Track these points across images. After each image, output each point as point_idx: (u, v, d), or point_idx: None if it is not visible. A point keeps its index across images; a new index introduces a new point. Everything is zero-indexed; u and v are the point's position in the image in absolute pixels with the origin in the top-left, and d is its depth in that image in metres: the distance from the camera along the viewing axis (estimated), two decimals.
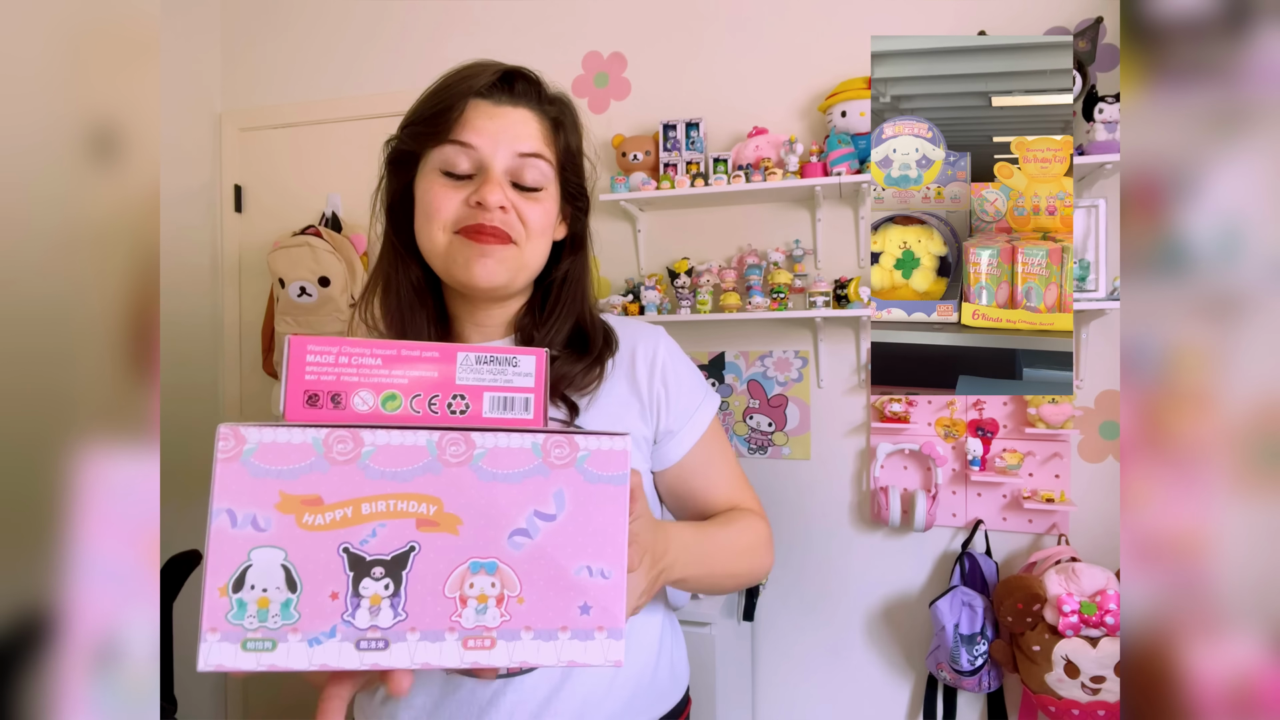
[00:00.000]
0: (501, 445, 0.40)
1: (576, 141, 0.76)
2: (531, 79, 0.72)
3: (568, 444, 0.40)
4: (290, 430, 0.38)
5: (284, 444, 0.38)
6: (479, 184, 0.67)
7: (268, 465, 0.38)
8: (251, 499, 0.38)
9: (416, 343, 0.46)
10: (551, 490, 0.40)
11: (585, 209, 0.79)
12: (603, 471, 0.41)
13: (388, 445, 0.39)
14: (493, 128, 0.68)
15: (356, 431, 0.39)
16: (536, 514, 0.40)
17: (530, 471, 0.40)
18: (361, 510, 0.38)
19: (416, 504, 0.39)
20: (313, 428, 0.39)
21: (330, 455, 0.38)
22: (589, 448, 0.41)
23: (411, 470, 0.39)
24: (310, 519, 0.38)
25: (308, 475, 0.38)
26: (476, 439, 0.40)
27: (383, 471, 0.39)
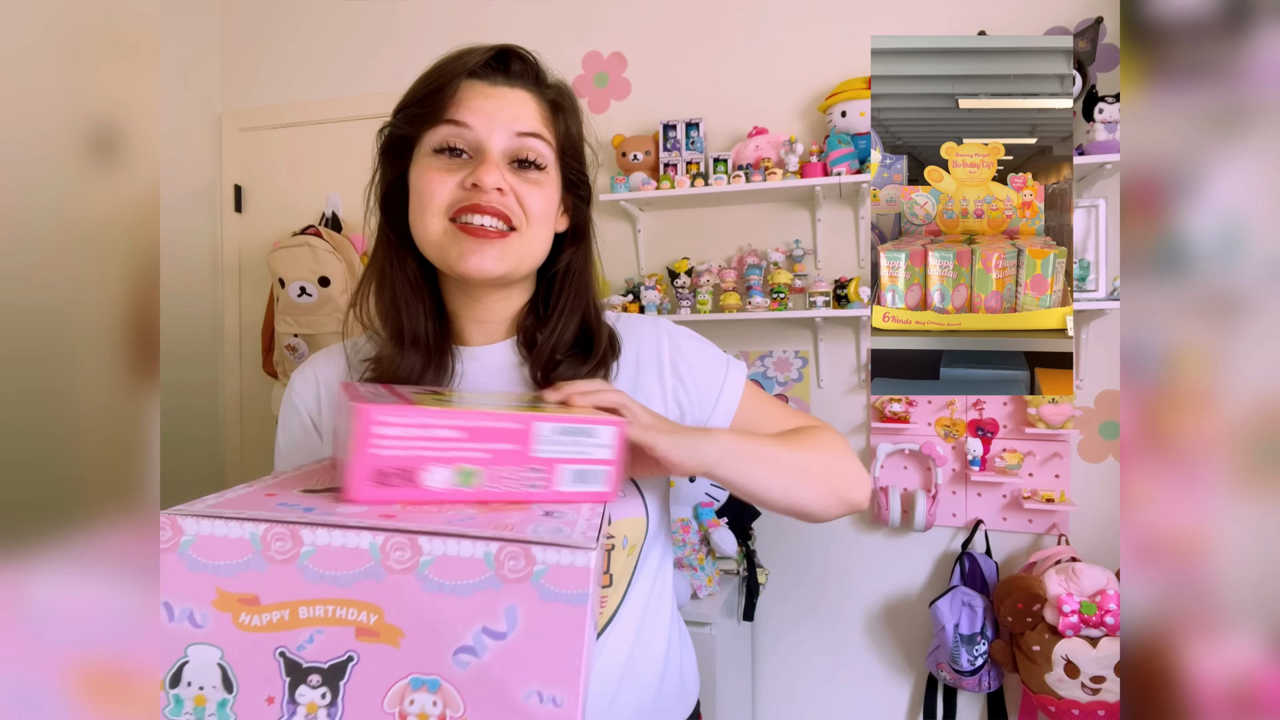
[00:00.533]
0: (450, 553, 0.37)
1: (577, 127, 0.72)
2: (528, 59, 0.69)
3: (524, 555, 0.37)
4: (229, 524, 0.36)
5: (221, 538, 0.36)
6: (475, 165, 0.64)
7: (205, 559, 0.36)
8: (189, 593, 0.36)
9: (493, 412, 0.44)
10: (503, 606, 0.36)
11: (587, 198, 0.75)
12: (561, 589, 0.37)
13: (328, 546, 0.36)
14: (488, 107, 0.65)
15: (296, 529, 0.36)
16: (485, 631, 0.36)
17: (481, 584, 0.36)
18: (299, 614, 0.36)
19: (356, 611, 0.36)
20: (251, 522, 0.36)
21: (268, 553, 0.36)
22: (547, 561, 0.37)
23: (352, 575, 0.36)
24: (247, 619, 0.36)
25: (245, 573, 0.36)
26: (424, 544, 0.37)
27: (322, 574, 0.36)
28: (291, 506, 0.40)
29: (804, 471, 0.68)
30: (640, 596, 0.71)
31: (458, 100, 0.65)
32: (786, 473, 0.66)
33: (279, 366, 2.13)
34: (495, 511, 0.43)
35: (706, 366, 0.74)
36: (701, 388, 0.73)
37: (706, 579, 1.71)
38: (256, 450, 2.30)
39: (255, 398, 2.29)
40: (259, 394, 2.28)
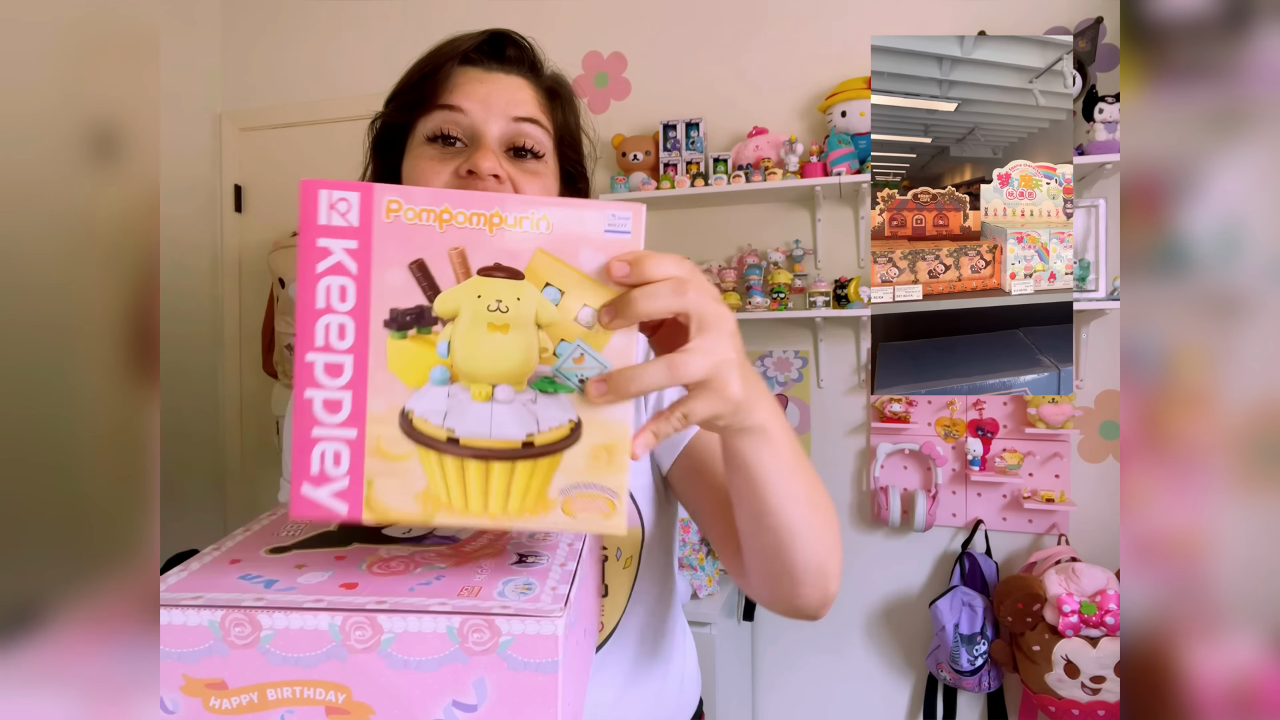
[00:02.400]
0: (412, 629, 0.36)
1: (575, 118, 0.70)
2: (523, 44, 0.67)
3: (488, 628, 0.36)
4: (185, 612, 0.37)
5: (180, 626, 0.36)
6: (470, 152, 0.60)
7: (168, 647, 0.36)
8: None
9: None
10: (471, 679, 0.36)
11: (586, 192, 0.72)
12: (529, 658, 0.36)
13: (286, 630, 0.36)
14: (483, 92, 0.62)
15: (253, 614, 0.36)
16: (455, 704, 0.36)
17: (446, 658, 0.36)
18: (267, 696, 0.36)
19: (324, 691, 0.36)
20: (207, 609, 0.37)
21: (228, 639, 0.36)
22: (513, 632, 0.36)
23: (315, 656, 0.36)
24: (216, 703, 0.36)
25: (208, 659, 0.36)
26: (383, 622, 0.36)
27: (284, 656, 0.36)
28: (252, 580, 0.40)
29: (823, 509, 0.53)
30: (643, 608, 0.69)
31: (451, 85, 0.62)
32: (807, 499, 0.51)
33: (279, 366, 2.13)
34: (466, 562, 0.43)
35: None
36: None
37: (706, 579, 1.71)
38: (256, 450, 2.30)
39: (255, 398, 2.29)
40: (259, 394, 2.28)
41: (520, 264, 0.38)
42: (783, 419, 0.49)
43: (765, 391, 0.46)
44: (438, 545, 0.46)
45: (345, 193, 0.37)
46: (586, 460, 0.39)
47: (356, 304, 0.38)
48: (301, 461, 0.38)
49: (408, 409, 0.38)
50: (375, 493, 0.38)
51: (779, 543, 0.52)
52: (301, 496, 0.38)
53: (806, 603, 0.56)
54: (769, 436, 0.46)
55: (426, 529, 0.49)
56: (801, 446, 0.52)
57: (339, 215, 0.37)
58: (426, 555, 0.44)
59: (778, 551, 0.52)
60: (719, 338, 0.40)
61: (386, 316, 0.38)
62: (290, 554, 0.45)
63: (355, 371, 0.38)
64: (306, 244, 0.37)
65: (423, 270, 0.38)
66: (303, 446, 0.38)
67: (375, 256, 0.38)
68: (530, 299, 0.38)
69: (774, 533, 0.51)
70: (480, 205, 0.38)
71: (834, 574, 0.55)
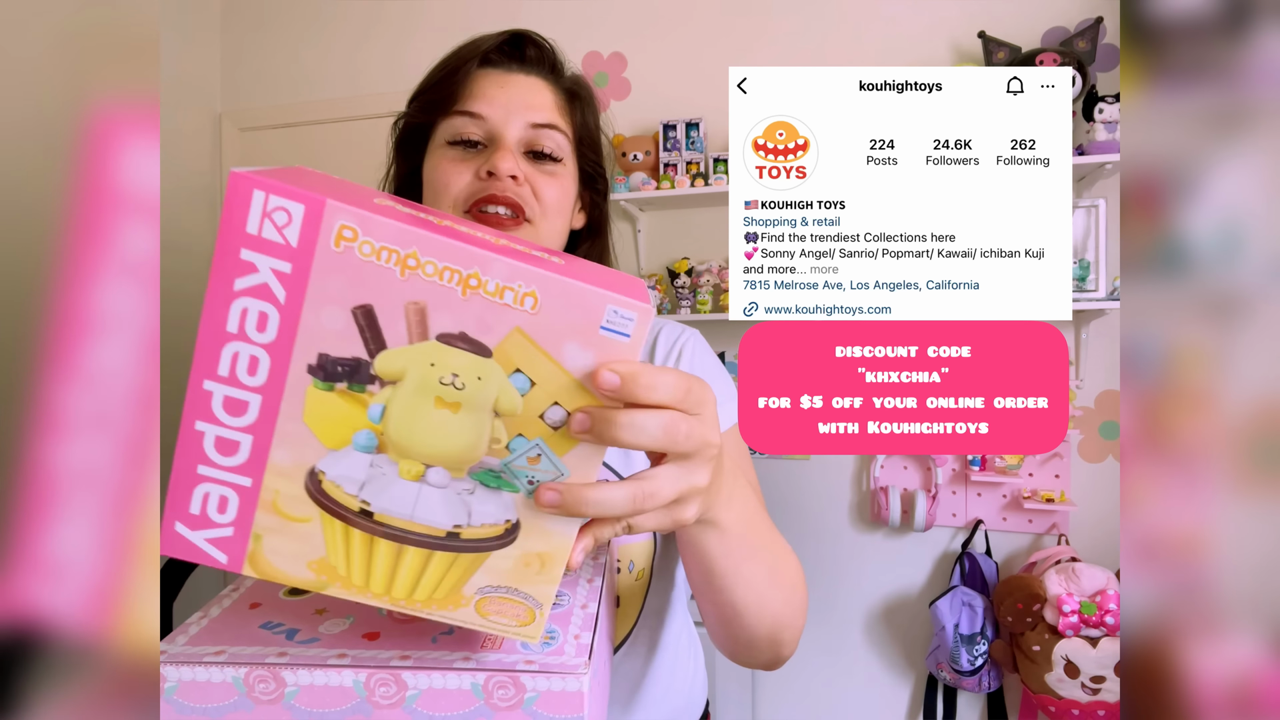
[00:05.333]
0: (436, 686, 0.36)
1: (594, 119, 0.69)
2: (543, 45, 0.67)
3: (513, 684, 0.36)
4: (209, 669, 0.36)
5: (204, 683, 0.36)
6: (490, 153, 0.61)
7: (191, 703, 0.36)
8: None
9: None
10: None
11: (604, 193, 0.72)
12: (555, 714, 0.36)
13: (310, 686, 0.36)
14: (503, 96, 0.63)
15: (277, 670, 0.36)
16: None
17: (471, 714, 0.36)
18: None
19: None
20: (230, 666, 0.36)
21: (253, 695, 0.36)
22: (538, 689, 0.36)
23: (340, 712, 0.36)
24: None
25: (233, 714, 0.36)
26: (408, 679, 0.36)
27: (310, 712, 0.36)
28: (274, 629, 0.40)
29: (782, 584, 0.52)
30: (654, 618, 0.68)
31: (471, 89, 0.63)
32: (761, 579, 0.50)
33: None
34: None
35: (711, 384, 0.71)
36: None
37: None
38: None
39: None
40: None
41: (491, 340, 0.32)
42: (742, 507, 0.46)
43: (726, 487, 0.43)
44: None
45: (287, 201, 0.30)
46: (515, 565, 0.36)
47: (277, 338, 0.32)
48: (179, 497, 0.34)
49: (319, 469, 0.34)
50: (263, 550, 0.35)
51: (729, 616, 0.51)
52: (175, 533, 0.34)
53: (757, 663, 0.56)
54: (720, 529, 0.44)
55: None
56: (764, 522, 0.51)
57: (273, 227, 0.30)
58: None
59: (728, 622, 0.52)
60: (697, 467, 0.37)
61: (313, 361, 0.32)
62: (308, 595, 0.44)
63: (262, 415, 0.33)
64: (226, 251, 0.31)
65: (369, 318, 0.31)
66: (183, 481, 0.34)
67: (311, 289, 0.31)
68: (493, 382, 0.32)
69: (723, 608, 0.50)
70: (458, 260, 0.31)
71: (789, 640, 0.55)
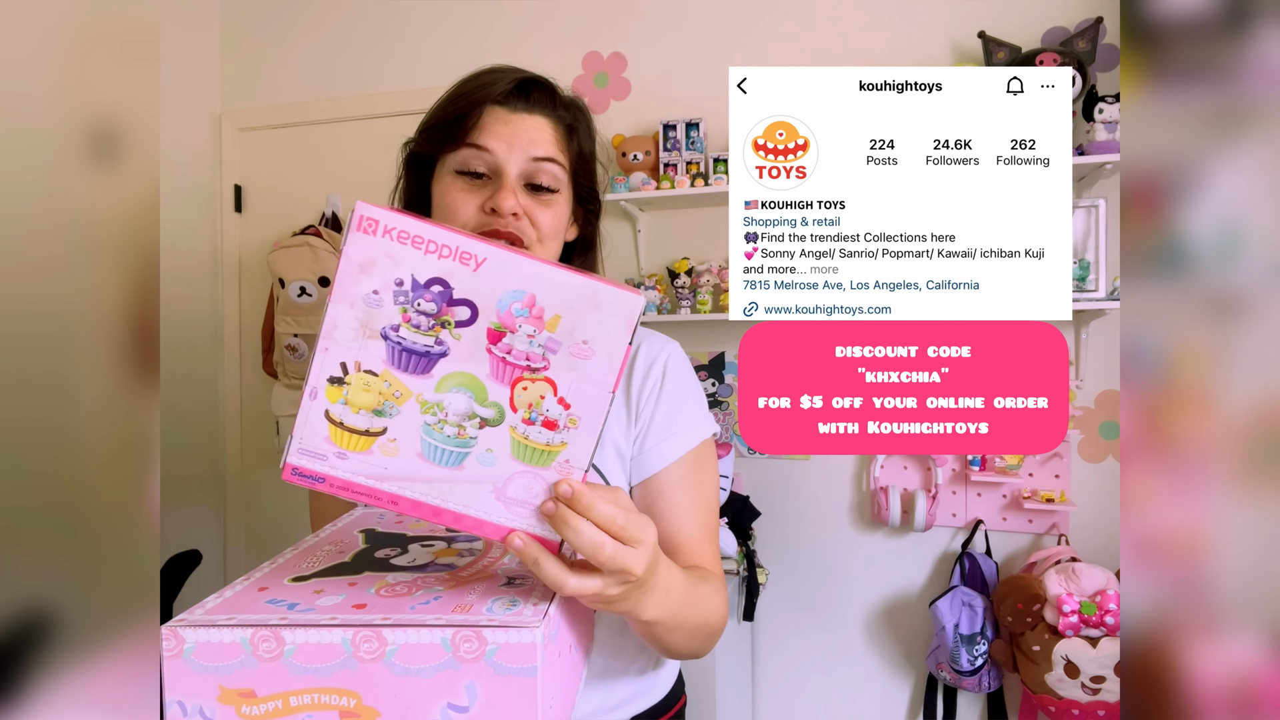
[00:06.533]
0: (412, 641, 0.42)
1: (590, 146, 0.77)
2: (548, 86, 0.75)
3: (476, 638, 0.42)
4: (220, 630, 0.42)
5: (216, 643, 0.42)
6: (494, 190, 0.69)
7: (205, 662, 0.42)
8: (196, 692, 0.42)
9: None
10: (463, 683, 0.42)
11: (596, 212, 0.81)
12: (512, 664, 0.42)
13: (306, 644, 0.42)
14: (508, 133, 0.70)
15: (278, 630, 0.42)
16: (450, 706, 0.42)
17: (441, 666, 0.42)
18: (290, 703, 0.42)
19: (338, 697, 0.42)
20: (240, 627, 0.42)
21: (257, 653, 0.42)
22: (497, 641, 0.42)
23: (330, 666, 0.42)
24: (248, 709, 0.42)
25: (240, 671, 0.42)
26: (388, 635, 0.42)
27: (304, 668, 0.42)
28: (277, 603, 0.46)
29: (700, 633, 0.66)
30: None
31: (480, 127, 0.70)
32: (679, 637, 0.63)
33: (279, 366, 2.13)
34: (461, 585, 0.48)
35: (688, 402, 0.75)
36: (674, 414, 0.74)
37: None
38: (256, 450, 2.30)
39: (255, 398, 2.29)
40: (259, 394, 2.28)
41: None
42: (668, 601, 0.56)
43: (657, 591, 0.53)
44: (438, 572, 0.51)
45: None
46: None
47: None
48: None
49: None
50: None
51: (657, 649, 0.65)
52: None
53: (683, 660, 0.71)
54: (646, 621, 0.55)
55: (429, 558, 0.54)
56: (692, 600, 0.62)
57: None
58: (427, 580, 0.49)
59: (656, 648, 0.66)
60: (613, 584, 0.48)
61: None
62: (310, 581, 0.50)
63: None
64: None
65: None
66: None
67: None
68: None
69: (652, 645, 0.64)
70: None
71: (708, 650, 0.69)
